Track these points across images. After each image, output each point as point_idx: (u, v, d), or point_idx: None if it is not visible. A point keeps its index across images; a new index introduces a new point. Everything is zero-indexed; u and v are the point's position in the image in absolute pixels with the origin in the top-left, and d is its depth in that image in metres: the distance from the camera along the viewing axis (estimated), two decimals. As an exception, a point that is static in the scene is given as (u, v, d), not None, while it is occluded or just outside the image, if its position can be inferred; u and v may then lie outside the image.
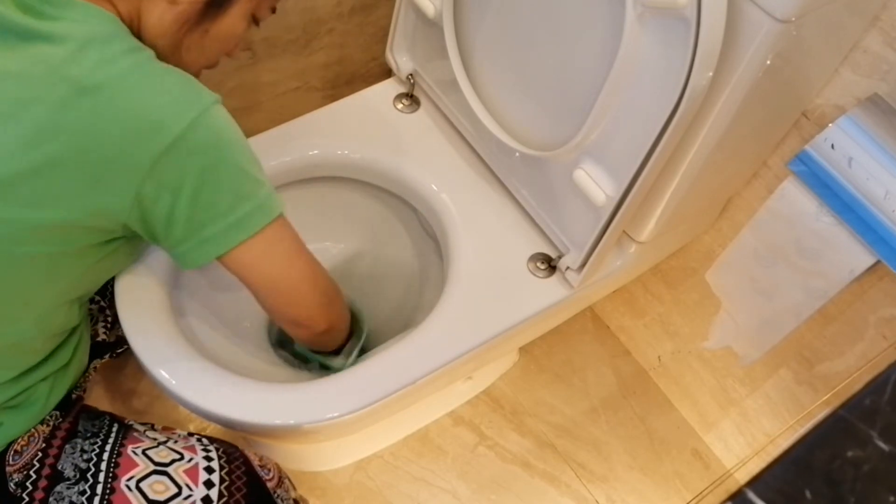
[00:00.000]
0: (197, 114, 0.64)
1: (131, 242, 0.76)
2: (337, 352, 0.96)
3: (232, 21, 0.73)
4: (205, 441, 0.82)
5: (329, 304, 0.83)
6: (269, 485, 0.81)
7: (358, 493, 1.20)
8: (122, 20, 0.68)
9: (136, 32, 0.69)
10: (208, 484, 0.76)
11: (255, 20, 0.77)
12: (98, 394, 1.20)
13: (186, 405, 0.82)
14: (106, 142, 0.63)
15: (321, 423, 0.82)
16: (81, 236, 0.69)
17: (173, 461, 0.77)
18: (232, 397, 0.82)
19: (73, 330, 0.81)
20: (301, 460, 1.21)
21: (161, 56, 0.69)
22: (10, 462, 0.74)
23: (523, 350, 1.36)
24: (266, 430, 0.83)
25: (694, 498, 1.25)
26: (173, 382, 0.82)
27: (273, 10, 0.78)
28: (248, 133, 1.01)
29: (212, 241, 0.70)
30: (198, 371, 0.83)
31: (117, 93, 0.63)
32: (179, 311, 0.91)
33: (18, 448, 0.75)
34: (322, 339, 0.88)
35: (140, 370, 0.84)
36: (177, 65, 0.71)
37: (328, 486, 1.20)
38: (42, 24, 0.63)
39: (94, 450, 0.77)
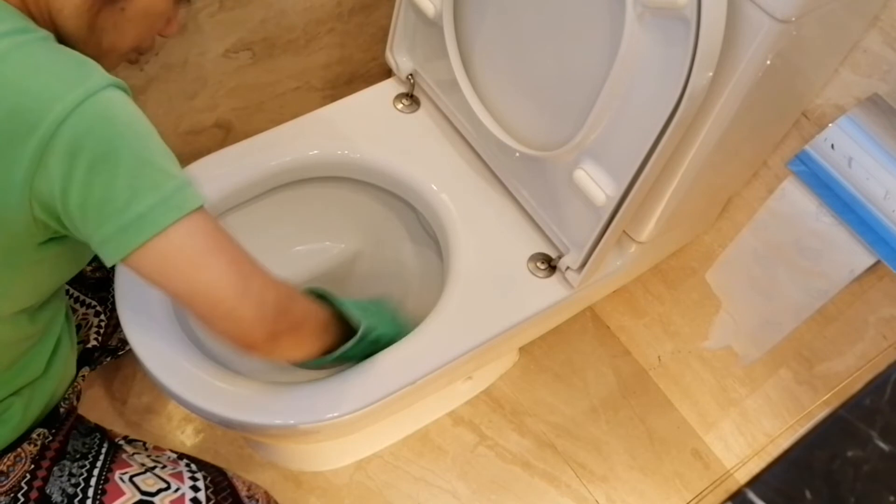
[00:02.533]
0: (84, 97, 0.57)
1: (70, 246, 0.68)
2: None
3: None
4: (193, 468, 0.81)
5: (271, 317, 0.66)
6: None
7: (358, 493, 1.20)
8: (29, 6, 0.63)
9: (47, 18, 0.64)
10: None
11: None
12: (94, 395, 1.20)
13: (187, 405, 0.82)
14: None
15: (321, 423, 0.82)
16: (3, 236, 0.62)
17: (160, 491, 0.76)
18: (232, 397, 0.82)
19: (40, 342, 0.76)
20: (301, 460, 1.21)
21: (77, 40, 0.65)
22: None
23: (523, 350, 1.36)
24: (266, 430, 0.83)
25: (694, 498, 1.25)
26: (174, 383, 0.82)
27: None
28: (249, 133, 1.02)
29: (111, 242, 0.60)
30: (198, 371, 0.83)
31: None
32: (180, 311, 0.90)
33: (4, 468, 0.73)
34: (273, 355, 0.71)
35: (139, 370, 0.84)
36: (97, 48, 0.66)
37: (328, 486, 1.20)
38: None
39: (82, 473, 0.76)
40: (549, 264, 0.95)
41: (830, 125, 0.77)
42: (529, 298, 0.93)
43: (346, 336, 0.79)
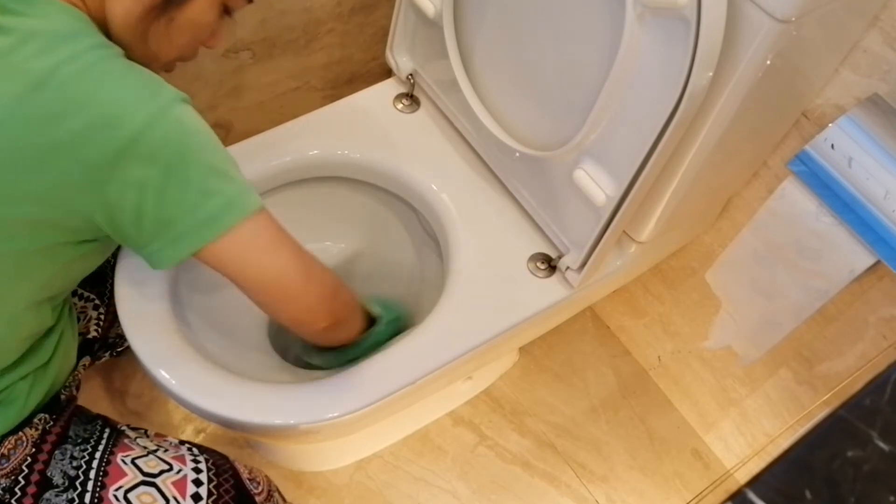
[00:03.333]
0: (157, 109, 0.63)
1: (104, 245, 0.74)
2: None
3: (199, 9, 0.71)
4: (195, 451, 0.81)
5: (330, 298, 0.78)
6: (258, 498, 0.81)
7: (358, 493, 1.20)
8: (90, 15, 0.66)
9: (104, 27, 0.68)
10: (196, 497, 0.76)
11: (227, 11, 0.75)
12: (95, 393, 1.20)
13: (186, 405, 0.82)
14: (60, 138, 0.61)
15: (321, 423, 0.82)
16: (50, 234, 0.67)
17: (162, 472, 0.77)
18: (232, 397, 0.82)
19: (52, 329, 0.79)
20: (301, 460, 1.21)
21: (129, 49, 0.68)
22: None
23: (523, 350, 1.36)
24: (266, 430, 0.83)
25: (694, 498, 1.25)
26: (173, 382, 0.82)
27: (249, 1, 0.76)
28: (249, 133, 1.02)
29: (182, 239, 0.67)
30: (198, 371, 0.83)
31: (76, 87, 0.61)
32: (179, 311, 0.90)
33: (5, 452, 0.74)
34: (330, 336, 0.83)
35: (139, 370, 0.84)
36: (146, 57, 0.70)
37: (328, 486, 1.20)
38: (5, 20, 0.62)
39: (83, 456, 0.76)
40: (549, 264, 0.95)
41: (830, 125, 0.77)
42: (529, 298, 0.93)
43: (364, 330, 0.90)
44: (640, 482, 1.27)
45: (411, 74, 1.08)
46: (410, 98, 1.09)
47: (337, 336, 0.85)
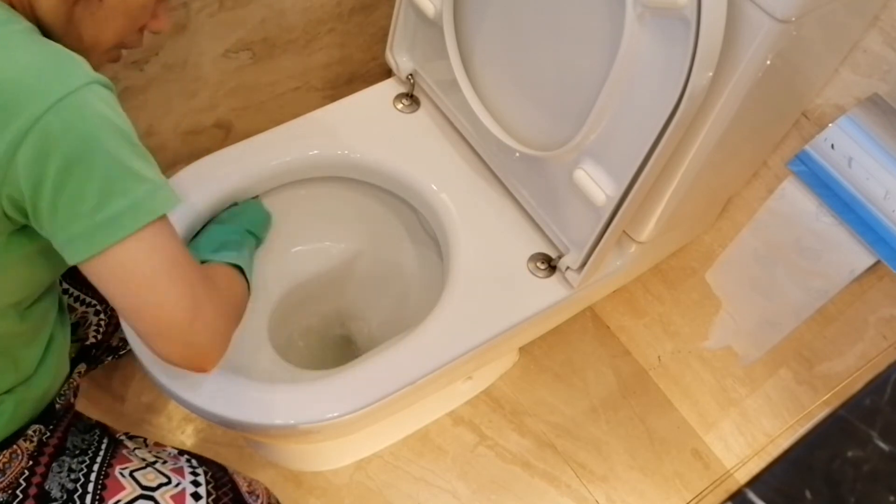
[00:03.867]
0: (64, 94, 0.56)
1: (46, 244, 0.64)
2: None
3: None
4: (194, 463, 0.81)
5: (221, 337, 0.68)
6: None
7: (358, 493, 1.20)
8: (11, 4, 0.62)
9: (28, 9, 0.63)
10: None
11: None
12: (94, 395, 1.20)
13: (187, 405, 0.82)
14: None
15: (321, 423, 0.82)
16: None
17: (160, 485, 0.76)
18: (232, 397, 0.82)
19: (32, 341, 0.75)
20: (301, 460, 1.21)
21: (58, 33, 0.64)
22: None
23: (523, 350, 1.36)
24: (266, 430, 0.83)
25: (694, 498, 1.25)
26: (173, 383, 0.82)
27: None
28: (249, 133, 1.02)
29: (77, 241, 0.59)
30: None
31: None
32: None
33: (0, 465, 0.73)
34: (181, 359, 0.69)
35: (138, 371, 0.84)
36: (78, 42, 0.65)
37: (328, 486, 1.20)
38: None
39: (81, 469, 0.75)
40: (549, 264, 0.95)
41: (830, 125, 0.77)
42: (529, 298, 0.93)
43: None
44: (640, 482, 1.27)
45: (411, 74, 1.08)
46: (410, 98, 1.09)
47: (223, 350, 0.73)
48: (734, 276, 0.94)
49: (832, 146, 0.77)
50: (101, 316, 0.95)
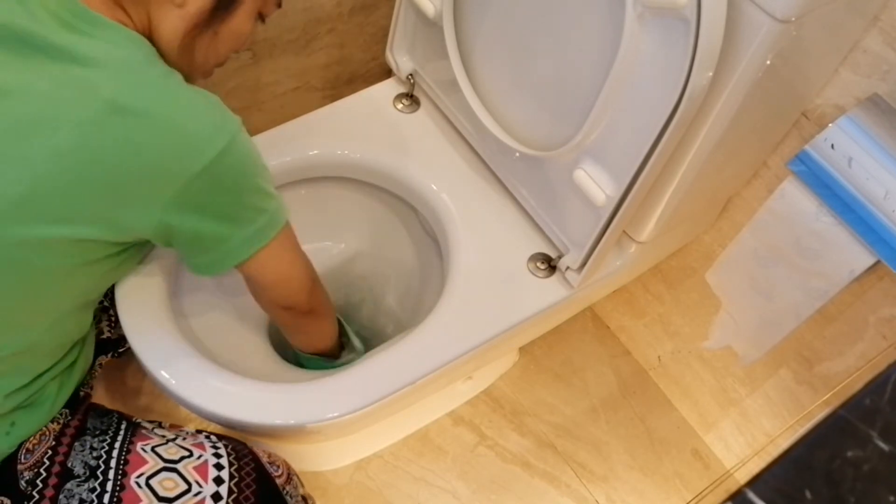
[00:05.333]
0: (228, 141, 0.67)
1: (140, 248, 0.78)
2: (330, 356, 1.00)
3: (240, 20, 0.74)
4: (213, 438, 0.82)
5: (312, 289, 0.86)
6: (279, 481, 0.81)
7: (358, 493, 1.20)
8: (137, 30, 0.69)
9: (149, 39, 0.70)
10: (218, 480, 0.76)
11: (261, 17, 0.78)
12: (101, 392, 1.20)
13: (186, 405, 0.82)
14: (138, 163, 0.65)
15: (321, 422, 0.82)
16: (100, 249, 0.71)
17: (182, 458, 0.77)
18: (232, 397, 0.82)
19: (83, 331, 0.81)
20: (301, 460, 1.21)
21: (174, 60, 0.72)
22: (22, 461, 0.75)
23: (523, 350, 1.36)
24: (266, 430, 0.83)
25: (694, 498, 1.25)
26: (173, 382, 0.82)
27: (279, 5, 0.79)
28: (249, 133, 1.02)
29: (233, 253, 0.74)
30: (198, 371, 0.83)
31: (156, 114, 0.64)
32: (180, 312, 0.91)
33: (30, 447, 0.76)
34: (308, 327, 0.93)
35: (137, 371, 0.84)
36: (189, 66, 0.74)
37: (328, 486, 1.20)
38: (75, 42, 0.64)
39: (103, 447, 0.77)
40: (549, 264, 0.95)
41: (830, 125, 0.77)
42: (529, 298, 0.93)
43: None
44: (640, 482, 1.27)
45: (411, 74, 1.08)
46: (410, 98, 1.09)
47: (313, 329, 0.94)
48: (734, 276, 0.94)
49: (832, 146, 0.77)
50: (110, 311, 0.96)
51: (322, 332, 0.96)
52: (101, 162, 0.64)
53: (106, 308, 0.96)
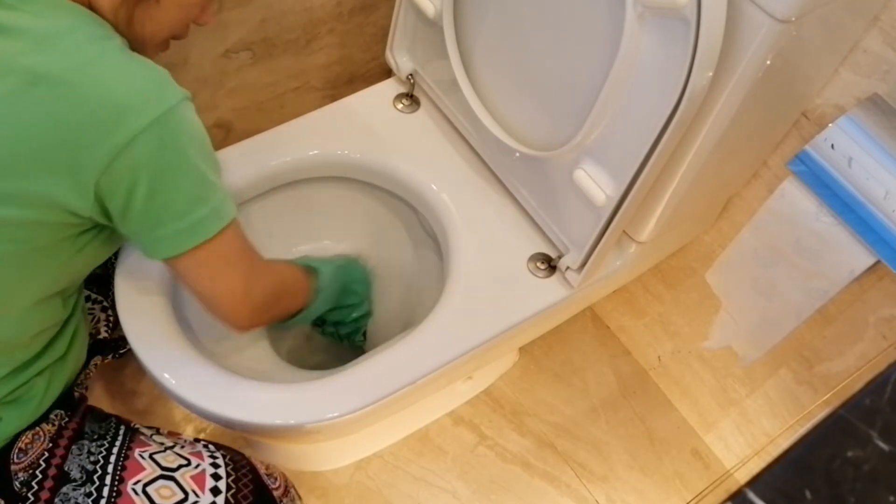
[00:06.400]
0: (162, 111, 0.62)
1: (105, 233, 0.74)
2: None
3: None
4: (211, 448, 0.82)
5: (251, 316, 0.78)
6: (276, 493, 0.81)
7: (358, 493, 1.20)
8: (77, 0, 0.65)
9: (88, 9, 0.67)
10: (215, 491, 0.76)
11: None
12: (99, 394, 1.20)
13: (186, 405, 0.82)
14: (60, 135, 0.61)
15: (321, 423, 0.82)
16: (49, 232, 0.67)
17: (180, 466, 0.77)
18: (232, 397, 0.82)
19: (67, 322, 0.79)
20: (301, 460, 1.21)
21: (121, 32, 0.68)
22: (15, 460, 0.74)
23: (523, 350, 1.36)
24: (266, 430, 0.83)
25: (694, 498, 1.25)
26: (173, 382, 0.82)
27: None
28: (249, 133, 1.02)
29: (163, 242, 0.68)
30: (198, 371, 0.83)
31: (79, 81, 0.60)
32: (179, 312, 0.90)
33: (23, 446, 0.75)
34: (252, 327, 0.82)
35: (140, 370, 0.84)
36: (138, 38, 0.70)
37: (328, 486, 1.20)
38: (3, 15, 0.61)
39: (100, 452, 0.77)
40: (549, 264, 0.95)
41: (830, 125, 0.77)
42: (529, 298, 0.93)
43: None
44: (640, 482, 1.27)
45: (411, 74, 1.08)
46: (410, 98, 1.09)
47: (270, 320, 0.85)
48: (734, 276, 0.94)
49: (832, 146, 0.77)
50: (109, 312, 0.95)
51: (282, 315, 0.87)
52: (21, 136, 0.61)
53: (105, 308, 0.96)
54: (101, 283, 0.96)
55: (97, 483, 0.74)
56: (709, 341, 1.22)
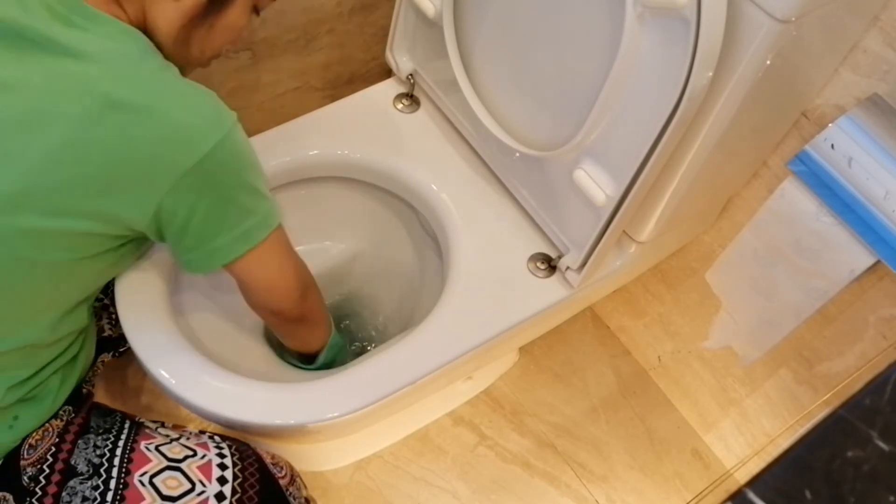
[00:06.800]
0: (223, 135, 0.67)
1: (140, 242, 0.78)
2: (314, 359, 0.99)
3: (236, 14, 0.75)
4: (217, 439, 0.82)
5: (304, 296, 0.85)
6: (282, 482, 0.81)
7: (358, 493, 1.20)
8: (132, 23, 0.69)
9: (144, 33, 0.70)
10: (221, 480, 0.76)
11: (256, 10, 0.78)
12: (102, 392, 1.20)
13: (186, 405, 0.82)
14: (132, 157, 0.65)
15: (321, 423, 0.82)
16: (100, 243, 0.71)
17: (186, 457, 0.77)
18: (232, 397, 0.82)
19: (82, 326, 0.81)
20: (301, 460, 1.21)
21: (169, 53, 0.72)
22: (25, 456, 0.75)
23: (523, 350, 1.36)
24: (266, 430, 0.83)
25: (694, 498, 1.25)
26: (173, 382, 0.82)
27: None
28: (249, 133, 1.01)
29: (219, 252, 0.74)
30: (198, 371, 0.83)
31: (148, 110, 0.64)
32: (179, 311, 0.91)
33: (33, 442, 0.76)
34: (300, 332, 0.92)
35: (138, 371, 0.84)
36: (185, 59, 0.75)
37: (328, 486, 1.20)
38: (70, 36, 0.64)
39: (106, 445, 0.77)
40: (549, 264, 0.95)
41: (830, 125, 0.77)
42: (529, 298, 0.93)
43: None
44: (640, 482, 1.27)
45: (411, 74, 1.08)
46: (410, 98, 1.09)
47: (305, 334, 0.93)
48: (734, 276, 0.94)
49: (832, 146, 0.77)
50: (111, 309, 0.96)
51: (311, 338, 0.95)
52: (96, 156, 0.64)
53: (107, 306, 0.96)
54: None
55: (104, 476, 0.74)
56: (709, 341, 1.22)
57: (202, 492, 0.74)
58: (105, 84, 0.64)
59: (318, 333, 0.95)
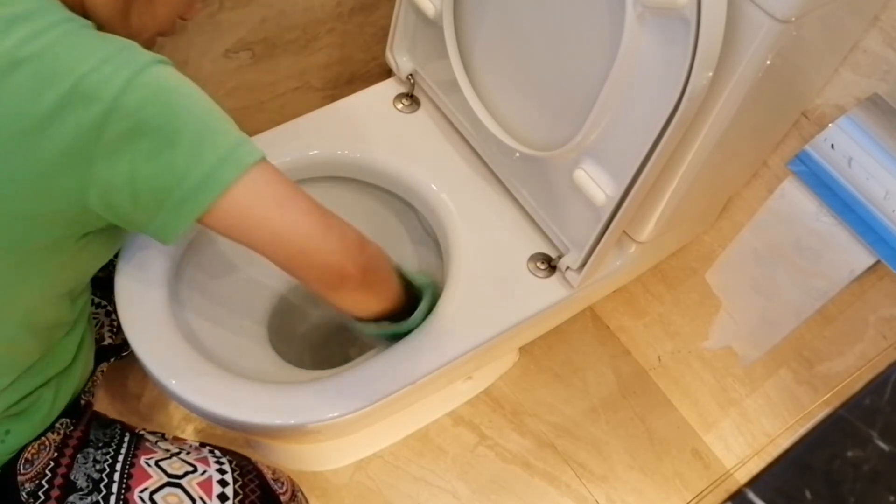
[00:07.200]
0: (131, 73, 0.59)
1: (106, 233, 0.71)
2: (396, 317, 0.84)
3: None
4: (217, 453, 0.82)
5: (355, 250, 0.70)
6: (283, 498, 0.81)
7: (358, 493, 1.20)
8: None
9: (78, 6, 0.65)
10: (222, 497, 0.76)
11: None
12: (102, 397, 1.20)
13: (186, 405, 0.82)
14: (39, 118, 0.58)
15: (321, 423, 0.82)
16: (50, 229, 0.64)
17: (187, 473, 0.77)
18: (232, 397, 0.82)
19: (71, 331, 0.79)
20: (301, 460, 1.21)
21: (108, 26, 0.66)
22: (22, 471, 0.74)
23: (523, 350, 1.36)
24: (266, 430, 0.83)
25: (694, 498, 1.25)
26: (173, 383, 0.82)
27: None
28: (249, 133, 1.01)
29: (182, 205, 0.62)
30: (198, 371, 0.83)
31: (45, 63, 0.58)
32: (180, 311, 0.90)
33: (29, 456, 0.74)
34: (366, 298, 0.76)
35: (141, 371, 0.84)
36: (127, 33, 0.67)
37: (328, 486, 1.20)
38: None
39: (106, 460, 0.76)
40: (549, 264, 0.95)
41: (830, 125, 0.77)
42: (529, 298, 0.93)
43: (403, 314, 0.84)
44: (640, 482, 1.27)
45: (411, 74, 1.08)
46: (410, 98, 1.09)
47: (373, 298, 0.77)
48: (734, 276, 0.94)
49: (832, 146, 0.77)
50: (113, 316, 0.95)
51: (388, 300, 0.79)
52: (7, 122, 0.59)
53: (109, 313, 0.95)
54: (104, 286, 0.96)
55: (104, 492, 0.73)
56: (709, 341, 1.22)
57: None
58: (6, 44, 0.58)
59: (384, 295, 0.79)
